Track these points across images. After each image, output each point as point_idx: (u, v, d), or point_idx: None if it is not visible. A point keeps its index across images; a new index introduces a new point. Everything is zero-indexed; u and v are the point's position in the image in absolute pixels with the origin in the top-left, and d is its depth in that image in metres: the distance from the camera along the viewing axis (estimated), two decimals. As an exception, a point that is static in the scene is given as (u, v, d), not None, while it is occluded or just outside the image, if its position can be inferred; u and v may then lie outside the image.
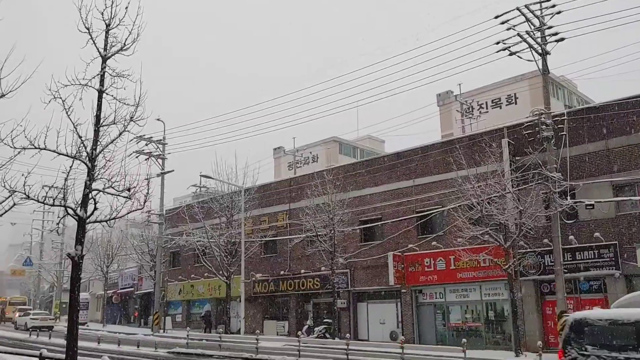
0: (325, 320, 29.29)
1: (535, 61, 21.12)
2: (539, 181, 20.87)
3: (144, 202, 10.68)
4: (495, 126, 26.83)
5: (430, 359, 17.91)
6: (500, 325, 24.39)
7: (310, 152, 50.47)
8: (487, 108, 38.07)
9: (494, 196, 21.21)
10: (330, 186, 28.24)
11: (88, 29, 10.30)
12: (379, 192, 28.98)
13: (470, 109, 38.44)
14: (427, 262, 26.16)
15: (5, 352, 13.19)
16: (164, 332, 36.35)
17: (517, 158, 23.53)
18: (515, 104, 36.42)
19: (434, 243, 26.04)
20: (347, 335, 22.33)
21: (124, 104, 10.53)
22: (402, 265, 26.73)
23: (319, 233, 27.91)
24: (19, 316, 44.78)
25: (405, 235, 27.36)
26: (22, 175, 10.02)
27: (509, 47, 21.25)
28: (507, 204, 21.29)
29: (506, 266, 21.24)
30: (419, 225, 27.12)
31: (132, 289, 49.66)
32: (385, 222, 28.29)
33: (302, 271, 31.68)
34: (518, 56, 21.28)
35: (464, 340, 17.51)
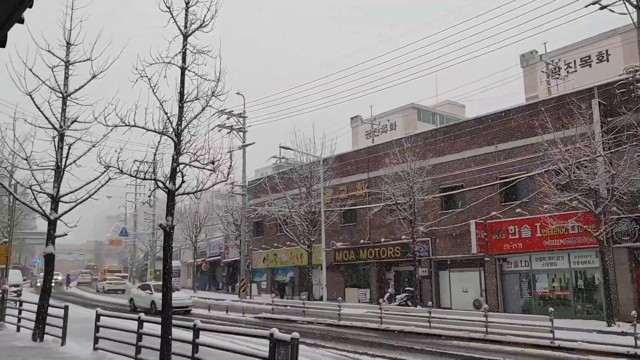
0: (406, 289, 29.33)
1: (630, 14, 19.65)
2: (634, 143, 19.61)
3: (228, 174, 10.97)
4: (584, 86, 25.29)
5: (516, 327, 17.51)
6: (591, 294, 23.46)
7: (388, 120, 49.83)
8: (575, 67, 35.91)
9: (584, 160, 20.18)
10: (409, 154, 27.89)
11: (169, 7, 10.63)
12: (459, 158, 28.34)
13: (557, 69, 36.37)
14: (511, 230, 25.46)
15: (109, 316, 14.25)
16: (250, 298, 37.86)
17: (609, 119, 22.16)
18: (607, 61, 34.08)
19: (518, 210, 25.24)
20: (430, 303, 22.26)
21: (205, 79, 10.79)
22: (485, 233, 26.18)
23: (398, 202, 27.76)
24: (99, 281, 56.78)
25: (487, 202, 26.69)
26: (115, 151, 10.63)
27: (599, 0, 19.90)
28: (598, 168, 20.18)
29: (597, 233, 20.27)
30: (502, 192, 26.36)
31: (219, 257, 51.85)
32: (467, 189, 27.71)
33: (382, 240, 31.76)
34: (610, 10, 19.91)
35: (551, 309, 16.97)
